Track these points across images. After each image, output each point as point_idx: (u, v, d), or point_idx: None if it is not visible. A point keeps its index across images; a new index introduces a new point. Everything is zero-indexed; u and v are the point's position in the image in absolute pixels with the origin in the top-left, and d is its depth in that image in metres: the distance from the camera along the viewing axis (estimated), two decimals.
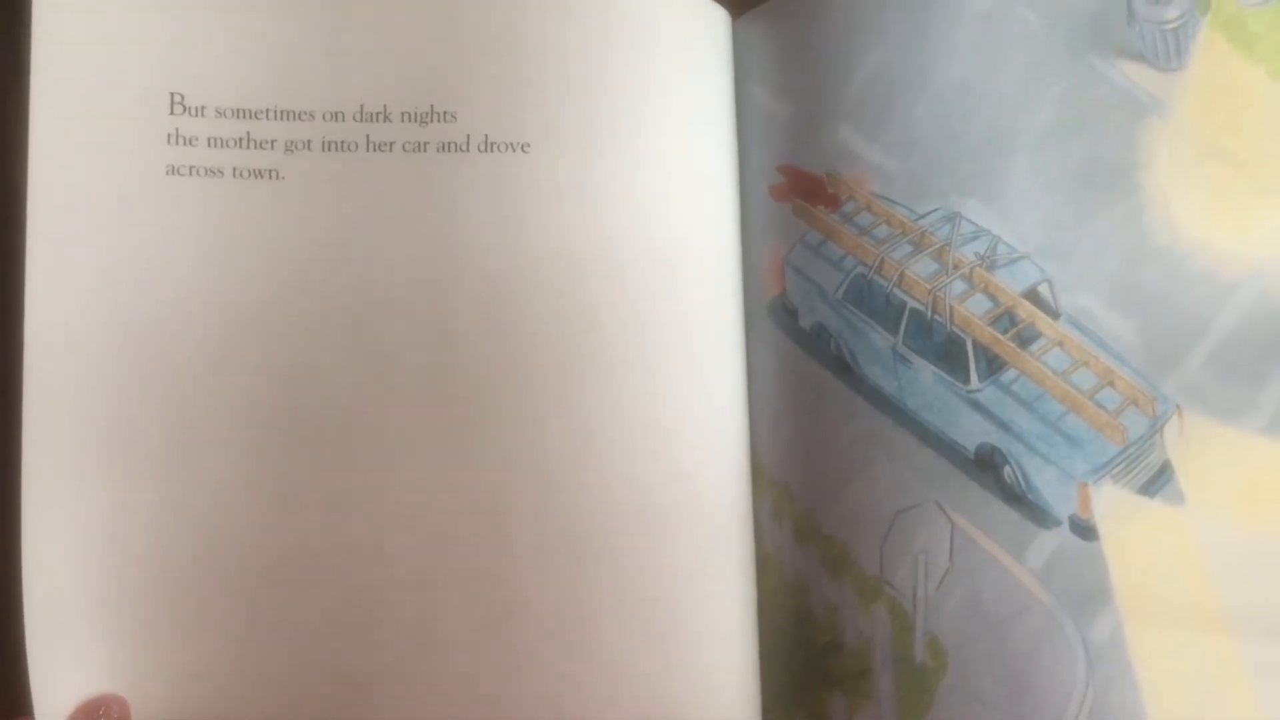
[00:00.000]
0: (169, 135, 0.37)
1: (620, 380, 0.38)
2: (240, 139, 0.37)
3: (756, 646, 0.37)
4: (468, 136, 0.38)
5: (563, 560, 0.37)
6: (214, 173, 0.37)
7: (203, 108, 0.37)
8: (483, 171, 0.38)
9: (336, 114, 0.38)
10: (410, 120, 0.38)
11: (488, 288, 0.38)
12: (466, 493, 0.37)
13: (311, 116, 0.38)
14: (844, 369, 0.37)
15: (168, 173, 0.37)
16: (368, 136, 0.38)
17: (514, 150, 0.38)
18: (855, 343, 0.37)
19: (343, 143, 0.38)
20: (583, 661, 0.36)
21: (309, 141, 0.38)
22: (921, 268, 0.37)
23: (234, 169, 0.37)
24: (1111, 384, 0.36)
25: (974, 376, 0.36)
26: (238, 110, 0.37)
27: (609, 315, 0.38)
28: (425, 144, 0.38)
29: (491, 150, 0.38)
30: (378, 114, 0.38)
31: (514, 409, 0.37)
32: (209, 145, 0.37)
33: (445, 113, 0.38)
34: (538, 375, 0.37)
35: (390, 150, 0.38)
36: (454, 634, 0.36)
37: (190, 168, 0.37)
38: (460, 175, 0.38)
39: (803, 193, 0.38)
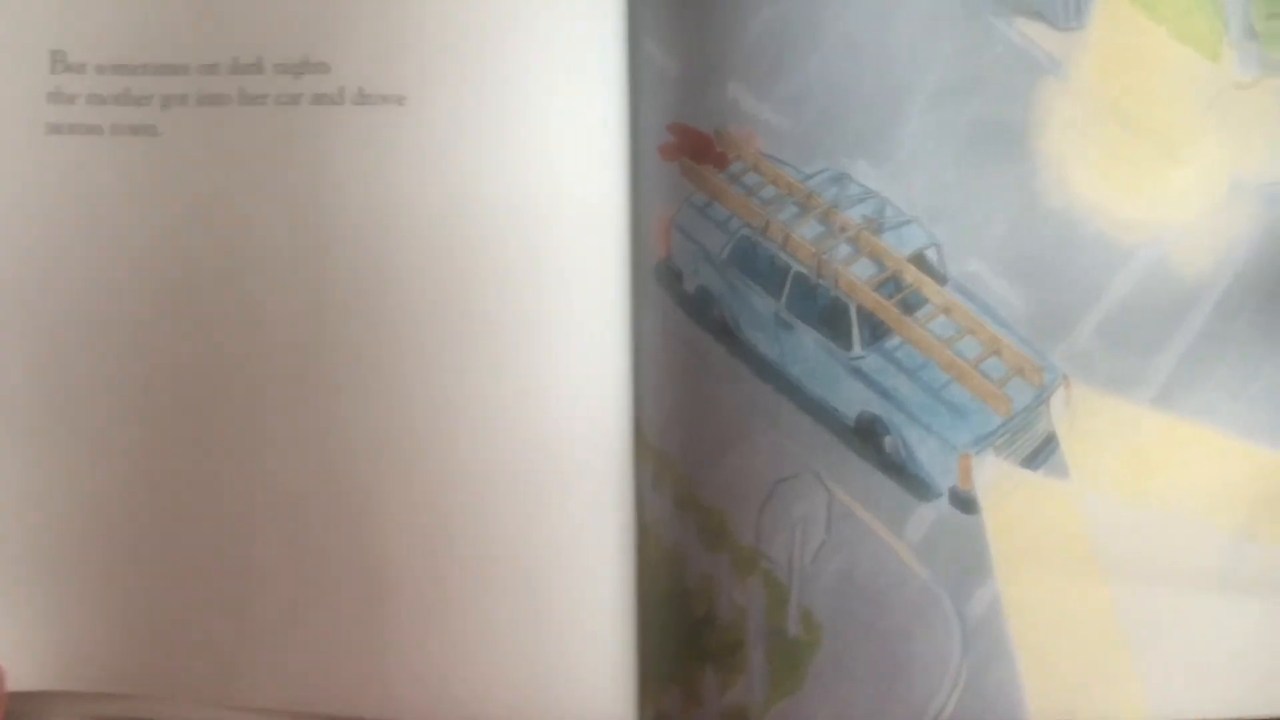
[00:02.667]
0: (50, 94, 0.36)
1: (499, 345, 0.36)
2: (119, 95, 0.36)
3: (635, 621, 0.36)
4: (341, 88, 0.36)
5: (434, 534, 0.36)
6: (93, 130, 0.36)
7: (84, 65, 0.36)
8: (356, 125, 0.36)
9: (211, 66, 0.37)
10: (283, 72, 0.37)
11: (361, 247, 0.36)
12: (336, 459, 0.36)
13: (187, 70, 0.37)
14: (727, 334, 0.36)
15: (48, 132, 0.36)
16: (241, 89, 0.37)
17: (389, 103, 0.36)
18: (738, 307, 0.36)
19: (217, 96, 0.36)
20: (454, 638, 0.35)
21: (184, 96, 0.37)
22: (808, 230, 0.36)
23: (112, 126, 0.36)
24: (998, 353, 0.35)
25: (857, 343, 0.35)
26: (117, 66, 0.36)
27: (488, 277, 0.36)
28: (298, 97, 0.36)
29: (366, 103, 0.36)
30: (251, 65, 0.37)
31: (387, 374, 0.36)
32: (89, 103, 0.36)
33: (319, 63, 0.36)
34: (412, 338, 0.36)
35: (263, 103, 0.36)
36: (320, 609, 0.35)
37: (71, 126, 0.36)
38: (333, 129, 0.36)
39: (690, 151, 0.37)
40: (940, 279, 0.35)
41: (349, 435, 0.36)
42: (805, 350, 0.35)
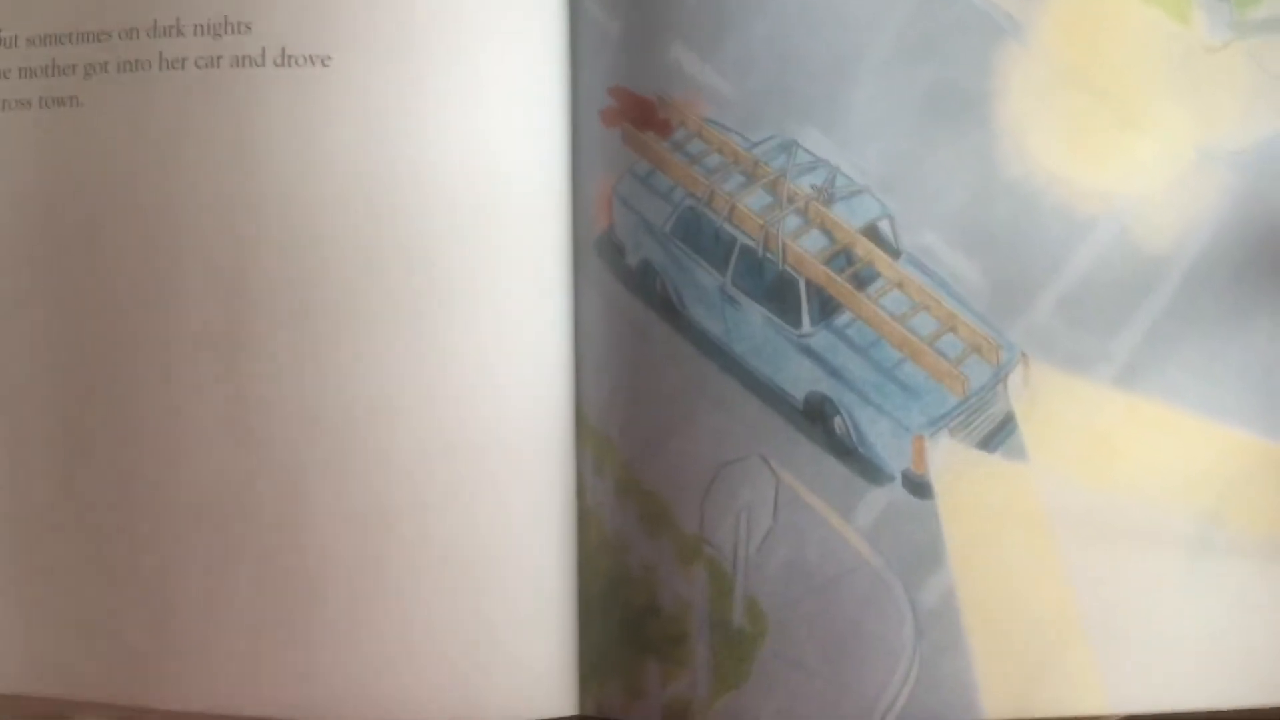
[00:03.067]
0: None
1: (433, 322, 0.35)
2: (46, 67, 0.35)
3: (576, 612, 0.35)
4: (263, 49, 0.34)
5: (365, 524, 0.34)
6: (23, 104, 0.35)
7: (15, 38, 0.35)
8: (279, 88, 0.34)
9: (131, 31, 0.35)
10: (203, 33, 0.35)
11: (285, 217, 0.34)
12: (258, 446, 0.34)
13: (109, 36, 0.35)
14: (670, 310, 0.34)
15: None
16: (160, 54, 0.35)
17: (313, 64, 0.34)
18: (682, 282, 0.34)
19: (136, 62, 0.35)
20: (388, 632, 0.34)
21: (106, 64, 0.35)
22: (754, 201, 0.34)
23: (40, 99, 0.35)
24: (953, 329, 0.33)
25: (806, 320, 0.34)
26: (44, 37, 0.35)
27: (420, 250, 0.35)
28: (218, 59, 0.35)
29: (289, 64, 0.34)
30: (170, 28, 0.35)
31: (310, 353, 0.34)
32: (20, 76, 0.35)
33: (239, 23, 0.35)
34: (338, 314, 0.34)
35: (183, 67, 0.35)
36: (245, 607, 0.34)
37: (3, 102, 0.35)
38: (255, 93, 0.34)
39: (632, 117, 0.35)
40: (893, 252, 0.34)
41: (273, 420, 0.34)
42: (752, 327, 0.34)
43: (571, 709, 0.34)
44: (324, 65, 0.34)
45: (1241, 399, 0.33)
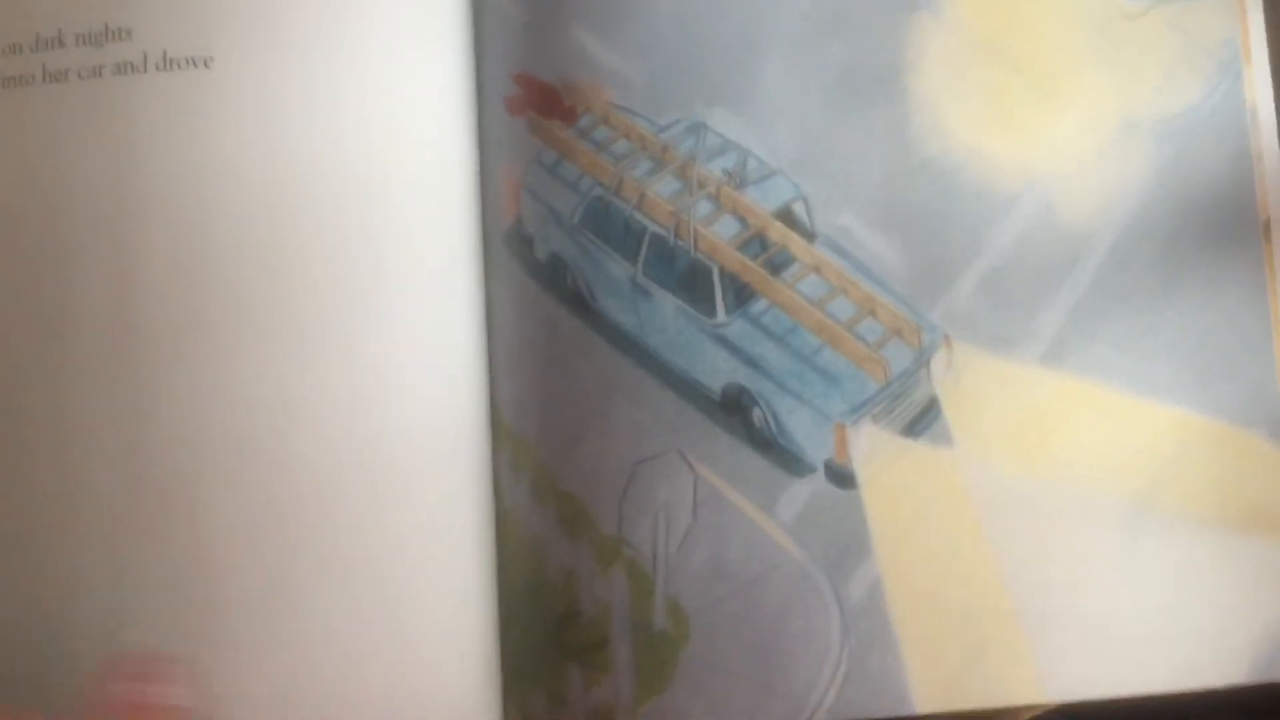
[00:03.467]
0: None
1: (334, 322, 0.33)
2: None
3: (496, 618, 0.34)
4: (144, 54, 0.33)
5: (268, 530, 0.33)
6: None
7: None
8: (161, 93, 0.33)
9: (14, 47, 0.34)
10: (84, 43, 0.34)
11: (175, 223, 0.33)
12: (153, 456, 0.33)
13: None
14: (581, 304, 0.33)
15: None
16: (43, 66, 0.34)
17: (195, 66, 0.33)
18: (593, 274, 0.33)
19: (21, 78, 0.34)
20: (293, 644, 0.32)
21: None
22: (664, 187, 0.33)
23: None
24: (873, 313, 0.32)
25: (720, 309, 0.32)
26: None
27: (319, 250, 0.33)
28: (100, 68, 0.34)
29: (171, 68, 0.33)
30: (52, 40, 0.34)
31: (207, 360, 0.33)
32: None
33: (120, 30, 0.34)
34: (234, 320, 0.33)
35: (65, 79, 0.34)
36: (139, 619, 0.32)
37: None
38: (137, 99, 0.33)
39: (537, 105, 0.34)
40: (809, 235, 0.33)
41: (168, 429, 0.33)
42: (665, 319, 0.33)
43: (494, 719, 0.33)
44: (206, 67, 0.33)
45: (1173, 374, 0.32)
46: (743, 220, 0.33)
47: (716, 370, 0.32)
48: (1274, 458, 0.31)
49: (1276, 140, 0.33)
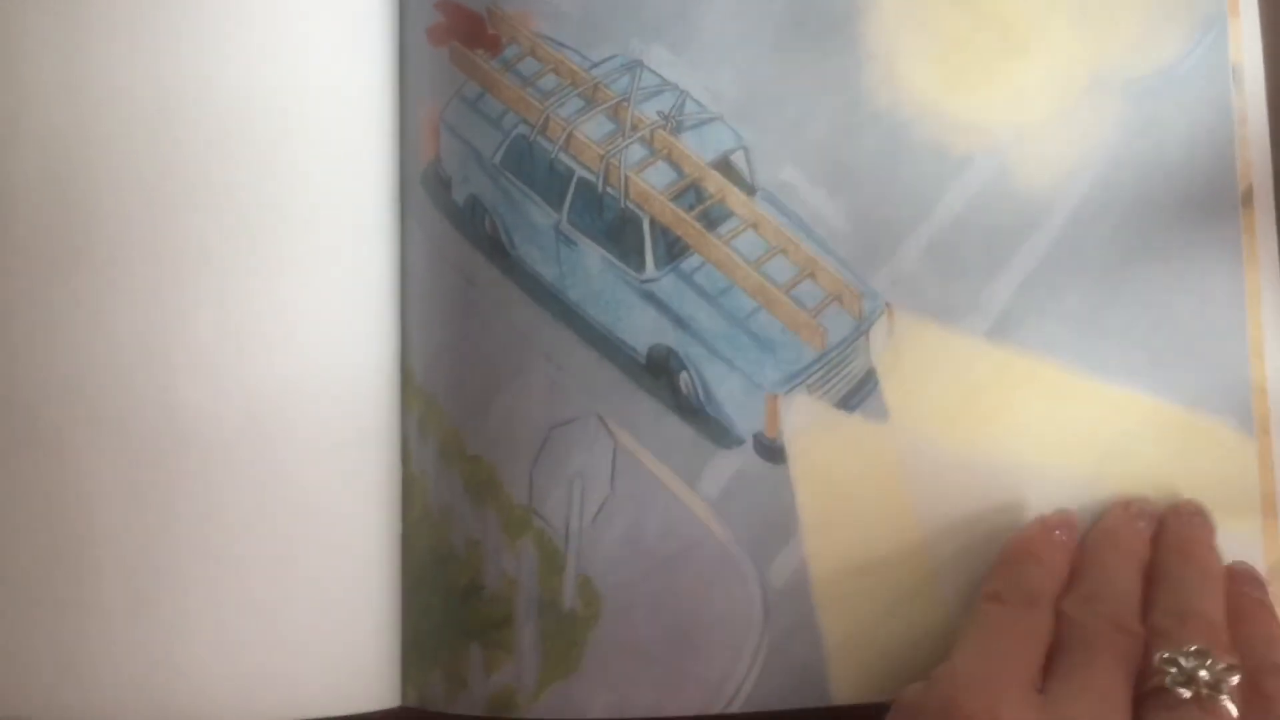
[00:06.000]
0: None
1: (231, 261, 0.30)
2: None
3: (399, 590, 0.31)
4: None
5: (146, 484, 0.30)
6: None
7: None
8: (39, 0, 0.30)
9: None
10: None
11: (50, 142, 0.30)
12: (20, 396, 0.30)
13: None
14: (499, 251, 0.30)
15: None
16: None
17: None
18: (512, 219, 0.30)
19: None
20: (176, 619, 0.30)
21: None
22: (594, 128, 0.30)
23: None
24: (813, 276, 0.30)
25: (650, 263, 0.30)
26: None
27: (215, 183, 0.30)
28: None
29: None
30: None
31: (83, 294, 0.30)
32: None
33: None
34: (119, 259, 0.30)
35: None
36: (10, 587, 0.29)
37: None
38: (18, 3, 0.30)
39: (460, 34, 0.31)
40: (748, 189, 0.30)
41: (38, 381, 0.30)
42: (589, 271, 0.30)
43: (393, 700, 0.30)
44: None
45: (1126, 353, 0.30)
46: (678, 168, 0.30)
47: (643, 329, 0.30)
48: (1239, 446, 0.30)
49: (1264, 101, 0.30)
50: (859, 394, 0.30)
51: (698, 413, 0.29)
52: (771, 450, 0.29)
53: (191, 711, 0.29)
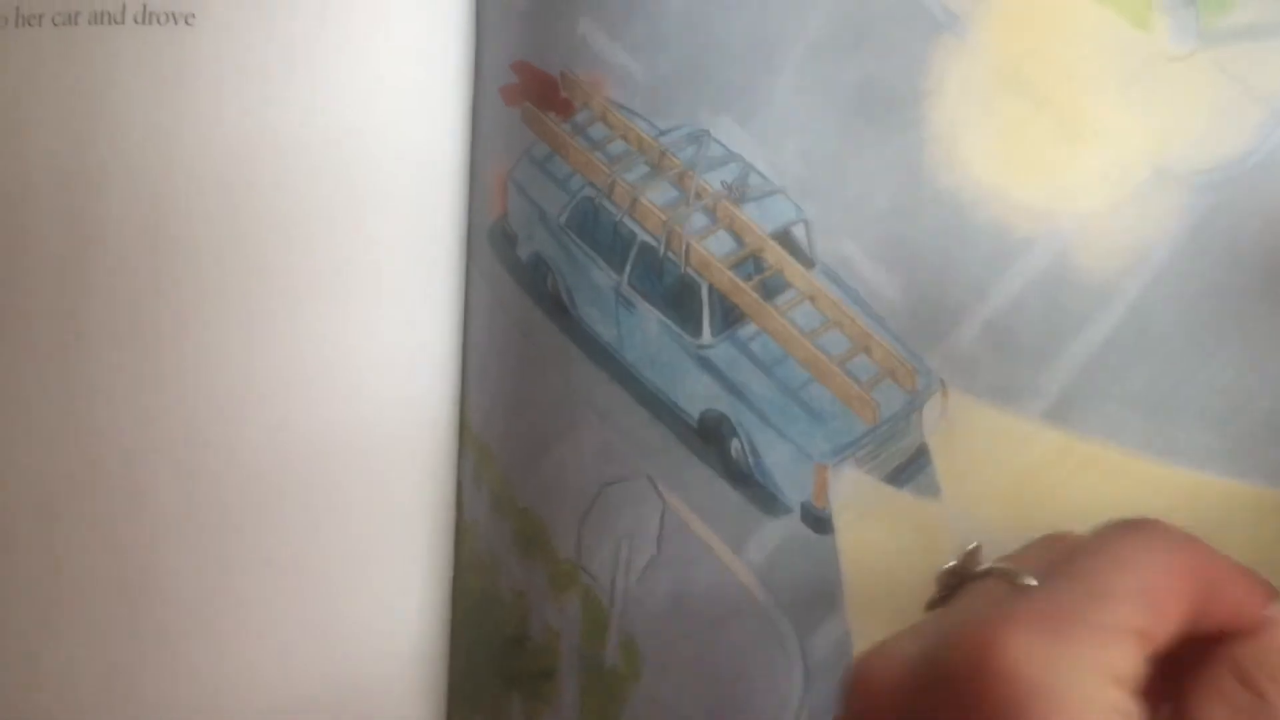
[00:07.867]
0: None
1: (299, 308, 0.31)
2: None
3: (447, 635, 0.32)
4: (123, 6, 0.32)
5: (211, 523, 0.31)
6: None
7: None
8: (139, 47, 0.31)
9: None
10: None
11: (140, 188, 0.31)
12: (96, 436, 0.31)
13: None
14: (559, 310, 0.31)
15: None
16: (17, 9, 0.32)
17: (175, 22, 0.31)
18: (574, 279, 0.31)
19: None
20: (231, 648, 0.31)
21: None
22: (658, 195, 0.31)
23: None
24: (867, 350, 0.30)
25: (706, 329, 0.30)
26: None
27: (292, 230, 0.31)
28: (76, 15, 0.32)
29: (150, 21, 0.31)
30: None
31: (163, 342, 0.31)
32: None
33: None
34: (193, 297, 0.31)
35: (39, 24, 0.32)
36: (74, 626, 0.31)
37: None
38: (113, 52, 0.32)
39: (534, 95, 0.32)
40: (807, 261, 0.30)
41: (114, 412, 0.31)
42: (647, 334, 0.31)
43: None
44: (187, 24, 0.31)
45: (1197, 438, 0.30)
46: (738, 238, 0.31)
47: (696, 394, 0.30)
48: None
49: None
50: (909, 469, 0.30)
51: (747, 479, 0.30)
52: (819, 520, 0.30)
53: None
